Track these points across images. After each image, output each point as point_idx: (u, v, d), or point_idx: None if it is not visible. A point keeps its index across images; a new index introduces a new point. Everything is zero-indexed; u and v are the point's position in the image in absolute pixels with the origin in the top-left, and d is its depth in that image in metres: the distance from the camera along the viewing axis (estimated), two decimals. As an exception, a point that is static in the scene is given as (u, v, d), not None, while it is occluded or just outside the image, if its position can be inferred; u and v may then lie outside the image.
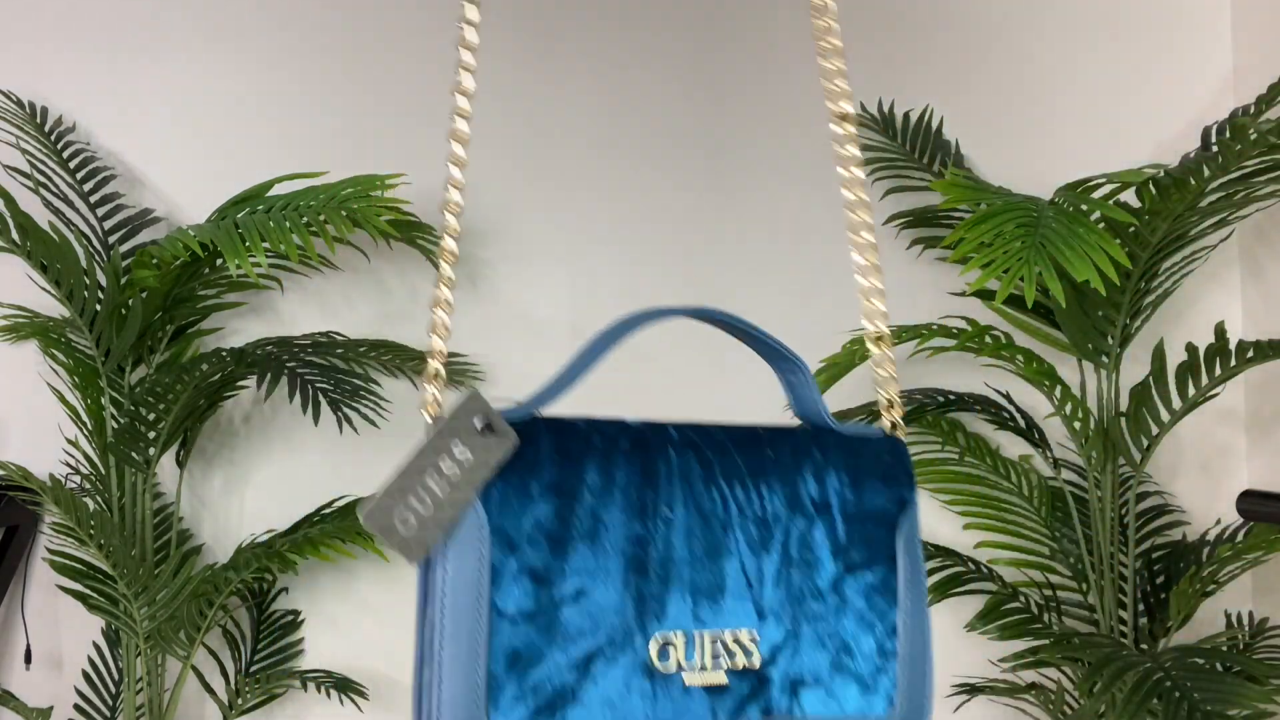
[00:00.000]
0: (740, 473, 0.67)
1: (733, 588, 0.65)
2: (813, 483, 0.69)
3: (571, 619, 0.61)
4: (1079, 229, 1.47)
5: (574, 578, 0.62)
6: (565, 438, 0.67)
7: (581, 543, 0.63)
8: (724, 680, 0.63)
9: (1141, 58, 2.20)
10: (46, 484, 1.77)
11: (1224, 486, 2.15)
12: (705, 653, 0.63)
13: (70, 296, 1.87)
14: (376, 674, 2.16)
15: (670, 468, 0.66)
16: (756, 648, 0.65)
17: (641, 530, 0.64)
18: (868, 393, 2.13)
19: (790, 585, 0.66)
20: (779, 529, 0.67)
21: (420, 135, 2.22)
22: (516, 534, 0.62)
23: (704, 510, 0.65)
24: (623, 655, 0.61)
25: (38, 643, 2.13)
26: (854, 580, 0.69)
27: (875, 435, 0.76)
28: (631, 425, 0.70)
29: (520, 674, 0.60)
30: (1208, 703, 1.48)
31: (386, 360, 2.09)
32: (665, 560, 0.64)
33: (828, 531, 0.68)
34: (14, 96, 2.13)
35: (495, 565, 0.61)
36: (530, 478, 0.64)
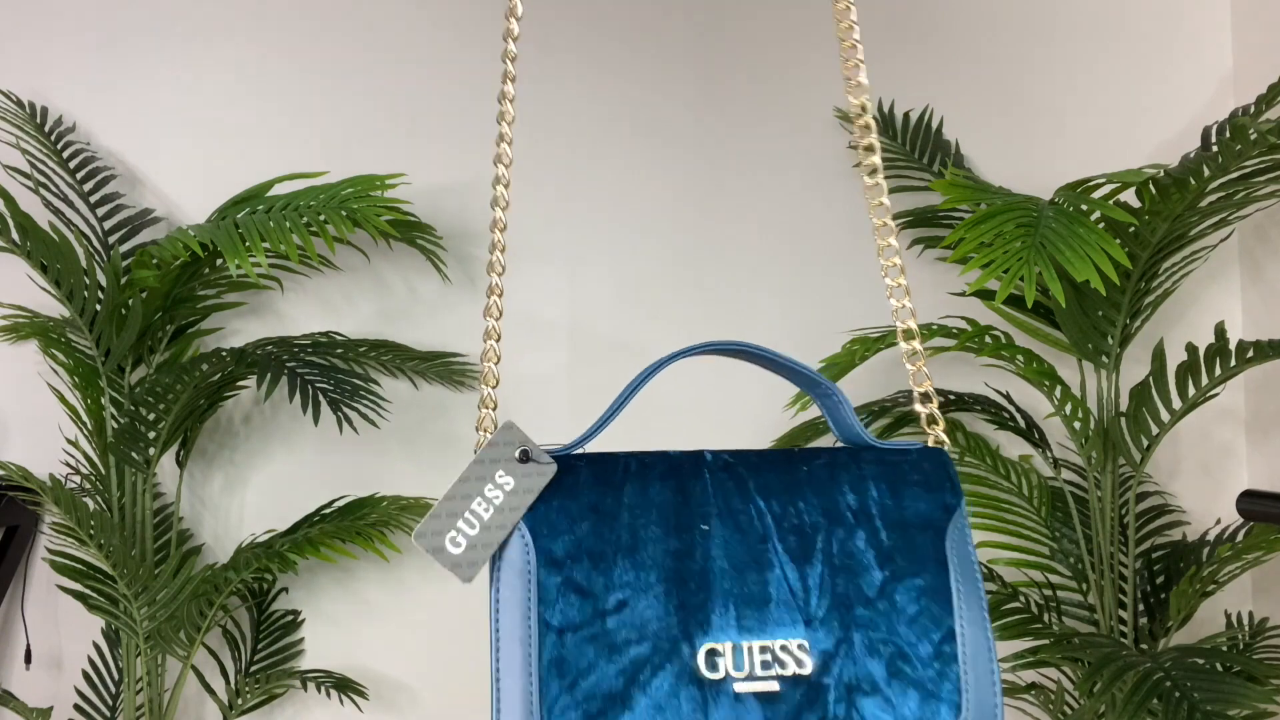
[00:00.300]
0: (775, 487, 0.68)
1: (777, 597, 0.65)
2: (850, 494, 0.69)
3: (617, 630, 0.63)
4: (1079, 229, 1.47)
5: (616, 591, 0.64)
6: (603, 466, 0.69)
7: (622, 558, 0.65)
8: (776, 688, 0.63)
9: (1141, 58, 2.20)
10: (46, 484, 1.77)
11: (1224, 486, 2.15)
12: (754, 661, 0.63)
13: (70, 296, 1.87)
14: (376, 674, 2.16)
15: (705, 486, 0.67)
16: (807, 655, 0.64)
17: (679, 545, 0.65)
18: (867, 393, 2.14)
19: (836, 592, 0.66)
20: (819, 538, 0.67)
21: (420, 135, 2.22)
22: (560, 553, 0.65)
23: (740, 524, 0.66)
24: (670, 664, 0.62)
25: (38, 643, 2.13)
26: (903, 586, 0.68)
27: (914, 447, 0.77)
28: (669, 453, 0.71)
29: (571, 683, 0.62)
30: (1208, 703, 1.48)
31: (386, 360, 2.09)
32: (704, 572, 0.65)
33: (869, 538, 0.68)
34: (14, 96, 2.13)
35: (542, 582, 0.65)
36: (570, 500, 0.66)
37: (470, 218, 2.20)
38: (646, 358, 2.28)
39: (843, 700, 0.64)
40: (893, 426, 1.98)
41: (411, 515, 2.02)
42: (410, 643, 2.18)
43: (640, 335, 2.19)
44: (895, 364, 2.17)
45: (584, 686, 0.62)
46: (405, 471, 2.17)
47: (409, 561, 2.17)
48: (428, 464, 2.18)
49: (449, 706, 2.18)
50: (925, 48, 2.23)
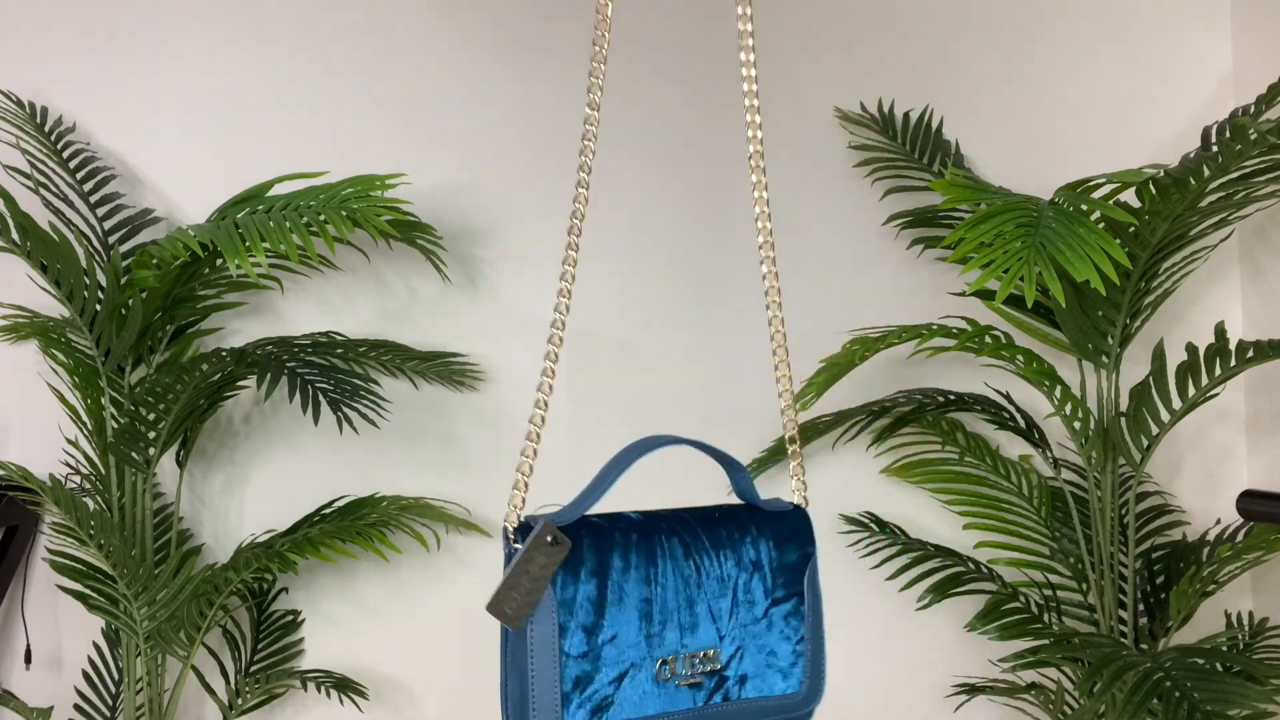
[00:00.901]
0: (706, 548, 1.03)
1: (703, 622, 1.01)
2: (750, 549, 1.05)
3: (609, 654, 0.95)
4: (1079, 229, 1.47)
5: (610, 628, 0.96)
6: (597, 537, 0.98)
7: (613, 606, 0.96)
8: (700, 680, 1.00)
9: (1141, 58, 2.20)
10: (46, 484, 1.77)
11: (1224, 486, 2.15)
12: (688, 665, 0.99)
13: (70, 296, 1.87)
14: (376, 674, 2.16)
15: (664, 550, 1.00)
16: (718, 659, 1.01)
17: (648, 594, 0.98)
18: (867, 393, 2.14)
19: (739, 617, 1.03)
20: (730, 583, 1.03)
21: (420, 135, 2.22)
22: (573, 604, 0.94)
23: (684, 576, 1.01)
24: (640, 673, 0.96)
25: (38, 643, 2.13)
26: (777, 610, 1.06)
27: (788, 508, 1.10)
28: (635, 519, 1.01)
29: (580, 690, 0.94)
30: (1208, 703, 1.48)
31: (386, 360, 2.09)
32: (665, 611, 0.99)
33: (760, 580, 1.05)
34: (14, 96, 2.13)
35: (561, 625, 0.94)
36: (579, 566, 0.95)
37: (470, 218, 2.20)
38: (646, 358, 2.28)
39: (736, 684, 1.02)
40: (892, 426, 1.98)
41: (411, 515, 2.02)
42: (410, 643, 2.18)
43: (640, 335, 2.19)
44: (895, 364, 2.17)
45: (588, 692, 0.94)
46: (405, 471, 2.17)
47: (409, 561, 2.17)
48: (428, 464, 2.18)
49: (449, 706, 2.18)
50: (925, 48, 2.23)
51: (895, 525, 2.08)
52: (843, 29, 2.24)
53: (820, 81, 2.22)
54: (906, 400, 2.00)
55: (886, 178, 2.15)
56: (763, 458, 2.09)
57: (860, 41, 2.23)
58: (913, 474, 2.12)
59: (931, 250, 2.15)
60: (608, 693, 0.94)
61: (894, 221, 2.12)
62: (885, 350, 1.79)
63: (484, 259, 2.21)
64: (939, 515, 2.14)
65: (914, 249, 2.18)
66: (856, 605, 2.17)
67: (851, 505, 2.15)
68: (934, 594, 1.91)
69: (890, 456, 2.15)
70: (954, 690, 2.03)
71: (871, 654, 2.18)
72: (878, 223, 2.19)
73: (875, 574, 2.09)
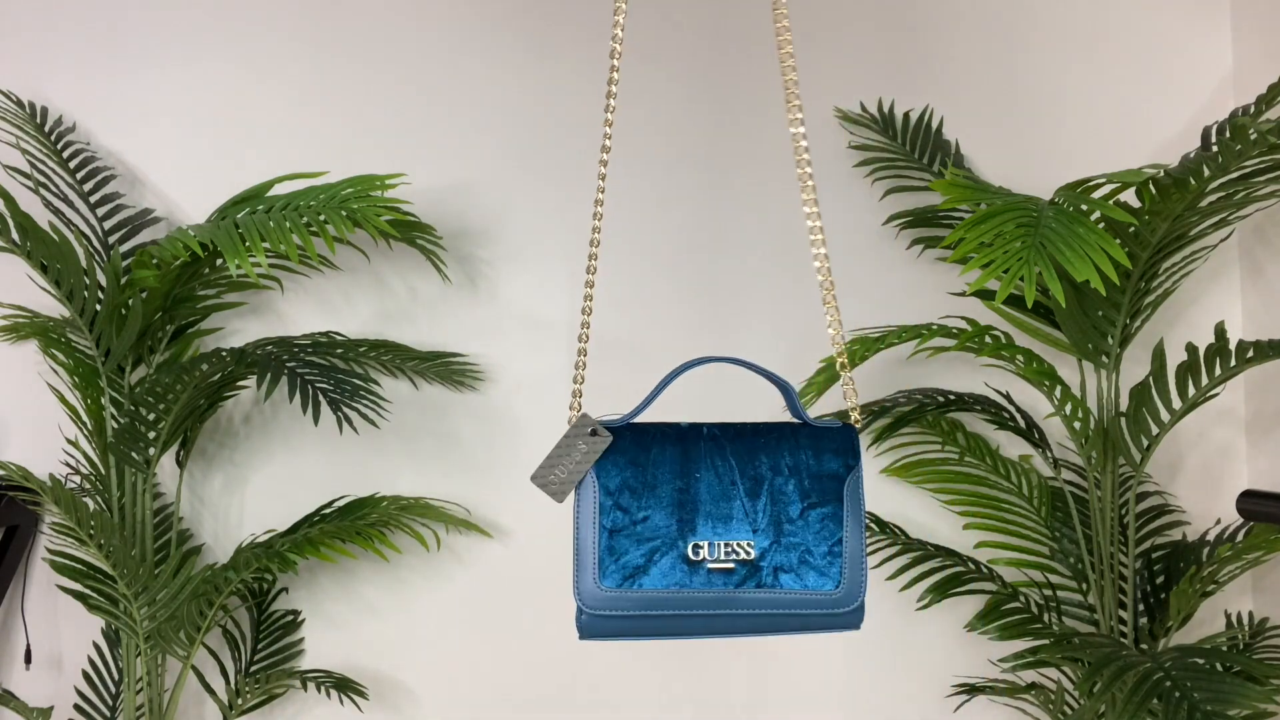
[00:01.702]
0: (742, 451, 1.14)
1: (737, 516, 1.12)
2: (788, 455, 1.15)
3: (641, 532, 1.10)
4: (1079, 229, 1.47)
5: (643, 510, 1.11)
6: (639, 434, 1.15)
7: (647, 491, 1.12)
8: (731, 566, 1.10)
9: (1141, 58, 2.20)
10: (46, 484, 1.77)
11: (1224, 486, 2.15)
12: (721, 552, 1.10)
13: (70, 296, 1.87)
14: (376, 674, 2.16)
15: (699, 449, 1.14)
16: (752, 550, 1.11)
17: (681, 484, 1.12)
18: (867, 393, 2.14)
19: (772, 515, 1.12)
20: (765, 483, 1.13)
21: (420, 135, 2.22)
22: (612, 486, 1.12)
23: (719, 472, 1.13)
24: (672, 551, 1.10)
25: (38, 643, 2.13)
26: (814, 513, 1.13)
27: (836, 425, 1.19)
28: (681, 426, 1.16)
29: (615, 559, 1.10)
30: (1208, 703, 1.48)
31: (386, 360, 2.09)
32: (695, 501, 1.12)
33: (797, 484, 1.14)
34: (14, 96, 2.13)
35: (600, 503, 1.11)
36: (620, 456, 1.13)
37: (470, 218, 2.20)
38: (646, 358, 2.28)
39: (770, 574, 1.11)
40: (892, 426, 1.98)
41: (411, 515, 2.03)
42: (410, 643, 2.18)
43: (640, 335, 2.19)
44: (895, 364, 2.17)
45: (622, 561, 1.10)
46: (405, 471, 2.17)
47: (409, 561, 2.17)
48: (428, 464, 2.18)
49: (449, 706, 2.18)
50: (925, 48, 2.24)
51: (895, 525, 2.08)
52: (843, 29, 2.24)
53: (820, 81, 2.22)
54: (906, 400, 2.00)
55: (886, 178, 2.15)
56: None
57: (860, 41, 2.23)
58: (913, 474, 2.12)
59: (931, 250, 2.15)
60: (639, 563, 1.09)
61: (894, 221, 2.12)
62: (885, 350, 1.79)
63: (484, 259, 2.21)
64: (939, 515, 2.14)
65: (914, 249, 2.18)
66: (856, 605, 2.17)
67: (851, 505, 2.15)
68: (934, 594, 1.91)
69: (890, 456, 2.15)
70: (954, 690, 2.03)
71: (871, 654, 2.18)
72: (878, 223, 2.19)
73: (875, 574, 2.09)
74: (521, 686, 2.18)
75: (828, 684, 2.18)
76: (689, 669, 2.18)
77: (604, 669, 2.17)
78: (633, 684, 2.17)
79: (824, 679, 2.18)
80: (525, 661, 2.17)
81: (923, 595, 1.92)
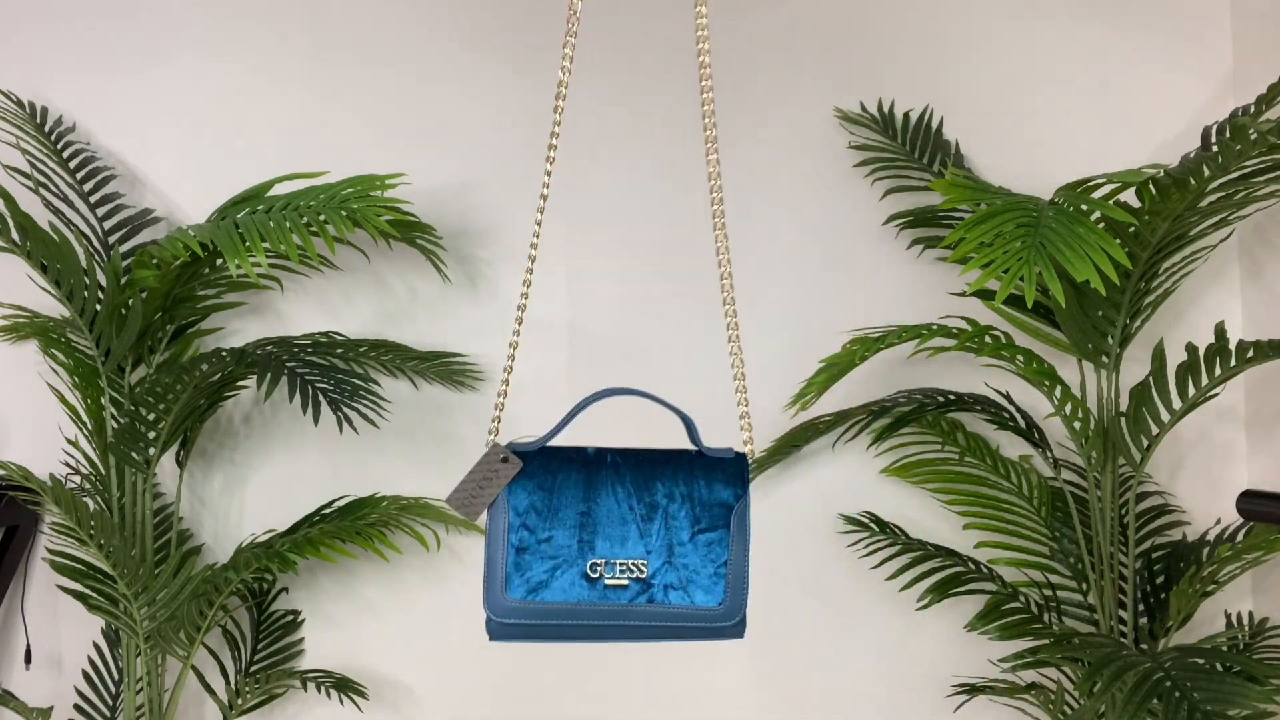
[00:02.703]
0: (642, 479, 1.24)
1: (632, 538, 1.22)
2: (683, 484, 1.25)
3: (546, 550, 1.21)
4: (1079, 229, 1.47)
5: (547, 530, 1.21)
6: (548, 459, 1.24)
7: (551, 514, 1.22)
8: (626, 583, 1.21)
9: (1141, 58, 2.20)
10: (46, 484, 1.77)
11: (1224, 486, 2.15)
12: (615, 570, 1.21)
13: (70, 296, 1.87)
14: (376, 674, 2.16)
15: (601, 476, 1.24)
16: (645, 569, 1.22)
17: (584, 508, 1.22)
18: (867, 393, 2.14)
19: (664, 539, 1.23)
20: (659, 510, 1.23)
21: (420, 135, 2.22)
22: (521, 508, 1.22)
23: (618, 499, 1.23)
24: (573, 569, 1.21)
25: (38, 643, 2.13)
26: (702, 538, 1.24)
27: (730, 455, 1.28)
28: (588, 452, 1.25)
29: (520, 574, 1.20)
30: (1208, 703, 1.48)
31: (386, 360, 2.09)
32: (595, 524, 1.22)
33: (689, 511, 1.24)
34: (14, 96, 2.13)
35: (510, 522, 1.21)
36: (528, 480, 1.23)
37: (470, 218, 2.20)
38: (646, 358, 2.28)
39: (661, 591, 1.22)
40: (892, 426, 1.98)
41: (411, 515, 2.02)
42: (410, 643, 2.18)
43: (640, 335, 2.19)
44: (895, 364, 2.17)
45: (527, 575, 1.20)
46: (405, 471, 2.17)
47: (409, 561, 2.17)
48: (428, 464, 2.18)
49: (449, 706, 2.18)
50: (925, 48, 2.24)
51: (895, 525, 2.08)
52: (843, 29, 2.24)
53: (820, 81, 2.22)
54: (906, 400, 2.00)
55: (886, 178, 2.15)
56: (763, 458, 2.09)
57: (860, 41, 2.23)
58: (913, 474, 2.12)
59: (931, 250, 2.15)
60: (542, 579, 1.20)
61: (894, 221, 2.12)
62: (885, 350, 1.79)
63: (484, 259, 2.21)
64: (939, 515, 2.14)
65: (914, 249, 2.18)
66: (856, 605, 2.17)
67: (851, 505, 2.15)
68: (934, 594, 1.91)
69: (890, 456, 2.15)
70: (954, 690, 2.03)
71: (871, 654, 2.18)
72: (878, 223, 2.19)
73: (875, 574, 2.09)
74: (522, 686, 2.18)
75: (828, 684, 2.18)
76: (690, 670, 2.18)
77: (605, 668, 2.17)
78: (633, 684, 2.18)
79: (824, 679, 2.18)
80: (525, 661, 2.17)
81: (923, 595, 1.92)
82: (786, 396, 2.01)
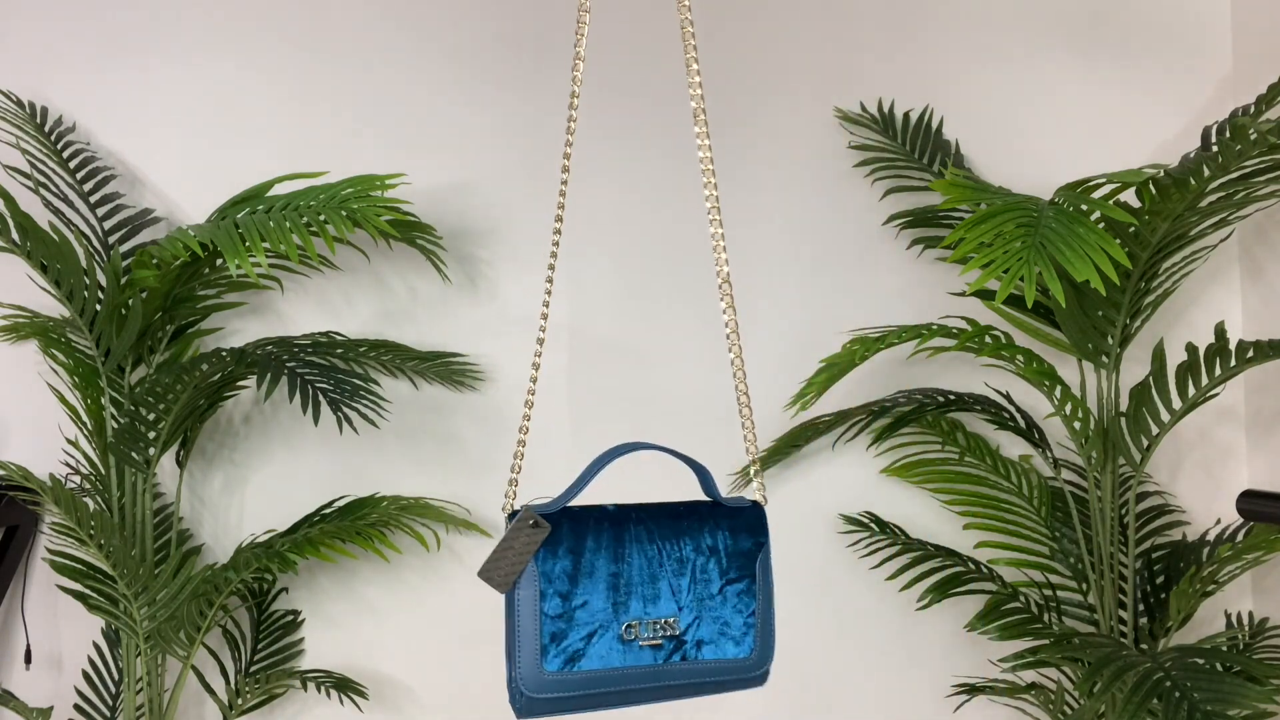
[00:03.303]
0: (669, 534, 1.23)
1: (664, 595, 1.20)
2: (708, 536, 1.24)
3: (581, 616, 1.16)
4: (1079, 229, 1.47)
5: (581, 595, 1.17)
6: (576, 521, 1.19)
7: (585, 578, 1.18)
8: (660, 643, 1.19)
9: (1141, 58, 2.20)
10: (46, 484, 1.77)
11: (1224, 486, 2.15)
12: (650, 629, 1.19)
13: (70, 296, 1.87)
14: (376, 674, 2.16)
15: (630, 535, 1.21)
16: (677, 626, 1.20)
17: (615, 569, 1.19)
18: (867, 393, 2.14)
19: (695, 593, 1.22)
20: (688, 564, 1.22)
21: (420, 136, 2.22)
22: (552, 575, 1.17)
23: (648, 556, 1.21)
24: (608, 633, 1.17)
25: (38, 643, 2.13)
26: (731, 589, 1.24)
27: (746, 505, 1.29)
28: (610, 511, 1.22)
29: (556, 644, 1.15)
30: (1208, 703, 1.48)
31: (386, 360, 2.09)
32: (629, 584, 1.19)
33: (716, 562, 1.24)
34: (14, 96, 2.13)
35: (542, 590, 1.16)
36: (558, 545, 1.18)
37: (470, 218, 2.20)
38: (646, 358, 2.28)
39: (694, 647, 1.20)
40: (892, 426, 1.98)
41: (411, 515, 2.02)
42: (410, 643, 2.18)
43: (640, 336, 2.19)
44: (895, 364, 2.17)
45: (562, 645, 1.15)
46: (405, 471, 2.17)
47: (409, 561, 2.17)
48: (428, 464, 2.18)
49: (449, 706, 2.18)
50: (925, 48, 2.24)
51: (895, 525, 2.08)
52: (843, 29, 2.24)
53: (820, 81, 2.22)
54: (906, 400, 2.00)
55: (886, 178, 2.15)
56: (762, 458, 2.09)
57: (860, 41, 2.23)
58: (913, 474, 2.12)
59: (931, 250, 2.15)
60: (579, 647, 1.15)
61: (894, 221, 2.12)
62: (885, 350, 1.79)
63: (484, 259, 2.21)
64: (939, 515, 2.14)
65: (914, 249, 2.18)
66: (856, 605, 2.17)
67: (851, 505, 2.15)
68: (934, 594, 1.91)
69: (890, 456, 2.15)
70: (954, 690, 2.03)
71: (871, 654, 2.18)
72: (878, 223, 2.19)
73: (875, 574, 2.09)
74: (521, 686, 2.18)
75: (828, 684, 2.18)
76: (689, 669, 2.18)
77: (604, 669, 2.17)
78: (633, 684, 2.17)
79: (824, 679, 2.18)
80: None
81: (923, 595, 1.92)
82: (786, 396, 2.01)
